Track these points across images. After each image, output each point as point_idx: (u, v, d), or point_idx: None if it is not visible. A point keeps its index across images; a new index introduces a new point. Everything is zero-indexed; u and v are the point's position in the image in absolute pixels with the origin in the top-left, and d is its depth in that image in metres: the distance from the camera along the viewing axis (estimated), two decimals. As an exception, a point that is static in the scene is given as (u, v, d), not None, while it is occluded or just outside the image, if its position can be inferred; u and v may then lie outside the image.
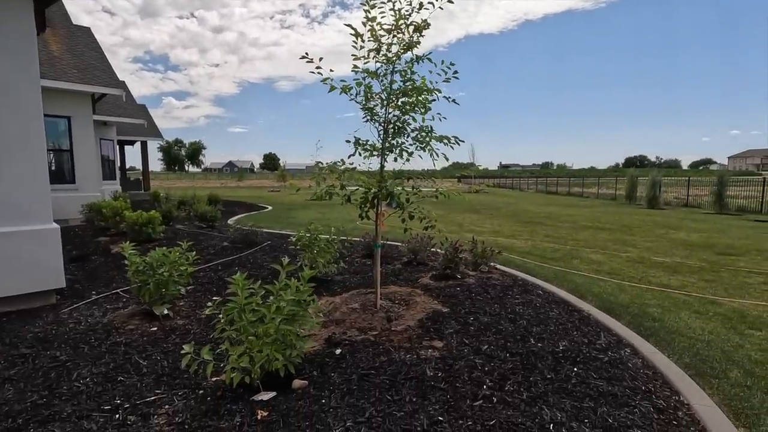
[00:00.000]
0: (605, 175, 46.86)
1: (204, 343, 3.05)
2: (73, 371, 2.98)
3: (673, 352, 3.45)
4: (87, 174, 11.03)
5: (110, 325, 3.83)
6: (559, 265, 6.70)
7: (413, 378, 2.77)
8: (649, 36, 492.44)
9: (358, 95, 3.72)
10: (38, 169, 4.41)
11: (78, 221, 9.93)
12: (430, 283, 5.04)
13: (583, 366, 3.01)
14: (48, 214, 4.50)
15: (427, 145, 3.73)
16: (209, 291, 4.89)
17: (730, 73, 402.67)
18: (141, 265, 3.89)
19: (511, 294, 4.68)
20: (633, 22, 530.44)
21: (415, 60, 3.69)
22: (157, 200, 14.49)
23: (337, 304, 4.25)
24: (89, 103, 11.16)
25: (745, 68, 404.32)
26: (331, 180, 3.70)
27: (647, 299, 4.93)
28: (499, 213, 15.98)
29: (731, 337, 3.83)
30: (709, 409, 2.58)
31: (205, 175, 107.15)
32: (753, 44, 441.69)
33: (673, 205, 20.10)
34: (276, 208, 17.12)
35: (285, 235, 8.66)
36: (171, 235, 8.26)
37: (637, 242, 9.13)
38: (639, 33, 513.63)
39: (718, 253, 7.92)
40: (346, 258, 6.36)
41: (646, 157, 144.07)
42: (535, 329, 3.67)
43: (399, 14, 3.55)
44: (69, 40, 12.14)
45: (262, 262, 6.30)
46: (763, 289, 5.44)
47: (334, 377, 2.80)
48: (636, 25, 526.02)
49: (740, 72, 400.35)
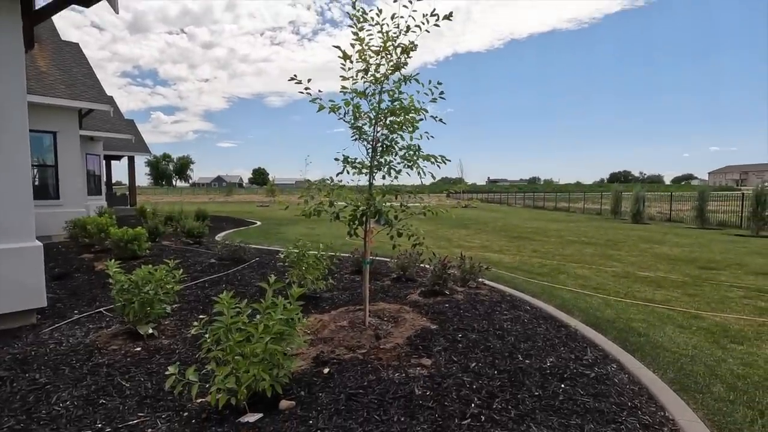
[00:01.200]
0: (591, 190, 47.64)
1: (189, 364, 3.00)
2: (53, 394, 2.89)
3: (658, 367, 3.49)
4: (72, 190, 10.87)
5: (92, 346, 3.74)
6: (546, 280, 6.76)
7: (401, 397, 2.76)
8: (631, 55, 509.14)
9: (347, 114, 3.78)
10: (22, 186, 4.35)
11: (62, 238, 9.74)
12: (418, 299, 5.05)
13: (570, 382, 3.03)
14: (31, 232, 4.42)
15: (415, 163, 3.79)
16: (196, 309, 4.82)
17: (709, 92, 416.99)
18: (126, 284, 3.84)
19: (500, 310, 4.71)
20: (615, 42, 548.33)
21: (402, 80, 3.76)
22: (144, 216, 14.31)
23: (325, 321, 4.22)
24: (76, 118, 11.07)
25: (724, 87, 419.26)
26: (320, 197, 3.73)
27: (632, 314, 5.00)
28: (487, 228, 16.11)
29: (714, 351, 3.90)
30: (693, 424, 2.62)
31: (193, 190, 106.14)
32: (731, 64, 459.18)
33: (656, 219, 20.52)
34: (265, 224, 17.02)
35: (273, 251, 8.61)
36: (157, 252, 8.15)
37: (622, 257, 9.27)
38: (621, 52, 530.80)
39: (700, 267, 8.08)
40: (335, 274, 6.33)
41: (630, 173, 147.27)
42: (523, 345, 3.69)
43: (387, 36, 3.63)
44: (57, 56, 12.10)
45: (249, 279, 6.24)
46: (744, 303, 5.56)
47: (321, 397, 2.77)
48: (618, 45, 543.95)
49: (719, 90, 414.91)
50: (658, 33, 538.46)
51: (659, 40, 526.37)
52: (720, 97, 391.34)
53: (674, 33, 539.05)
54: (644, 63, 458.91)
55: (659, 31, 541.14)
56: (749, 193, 15.84)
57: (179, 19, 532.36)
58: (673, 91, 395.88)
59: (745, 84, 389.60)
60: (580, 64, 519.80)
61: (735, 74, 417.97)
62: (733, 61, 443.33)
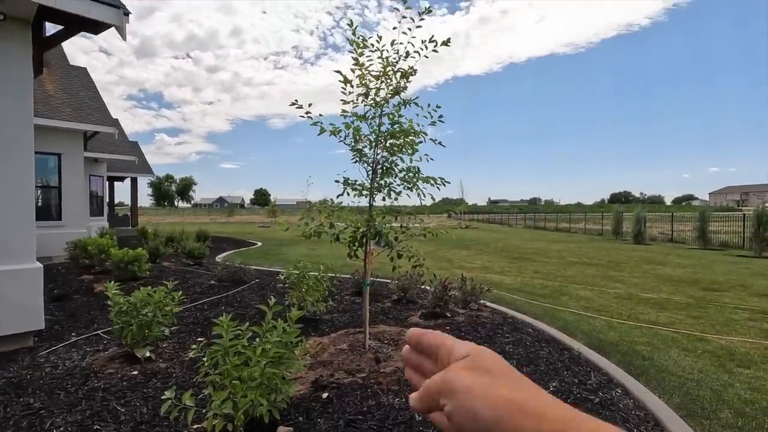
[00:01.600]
0: (591, 210, 47.67)
1: (186, 388, 2.96)
2: (47, 419, 2.84)
3: (663, 392, 3.42)
4: (74, 210, 10.93)
5: (89, 369, 3.69)
6: (548, 301, 6.70)
7: (402, 423, 2.70)
8: (629, 79, 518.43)
9: (347, 137, 3.84)
10: (25, 208, 4.38)
11: (62, 258, 9.73)
12: (419, 321, 5.00)
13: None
14: (32, 254, 4.42)
15: (415, 185, 3.82)
16: (194, 332, 4.78)
17: (708, 113, 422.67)
18: (124, 306, 3.81)
19: (501, 332, 4.65)
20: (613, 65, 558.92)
21: (402, 104, 3.84)
22: (145, 237, 14.33)
23: (325, 344, 4.17)
24: (81, 140, 11.24)
25: (722, 109, 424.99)
26: (320, 218, 3.74)
27: (636, 336, 4.93)
28: (488, 249, 16.06)
29: (720, 375, 3.83)
30: (701, 452, 2.55)
31: (195, 210, 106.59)
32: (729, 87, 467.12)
33: (658, 240, 20.45)
34: (265, 245, 17.00)
35: (274, 272, 8.57)
36: (157, 273, 8.12)
37: (624, 278, 9.21)
38: (619, 75, 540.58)
39: (703, 288, 8.01)
40: (335, 296, 6.29)
41: (630, 193, 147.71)
42: (526, 369, 3.63)
43: (386, 62, 3.72)
44: (65, 80, 12.37)
45: (249, 301, 6.20)
46: (749, 325, 5.48)
47: (320, 423, 2.71)
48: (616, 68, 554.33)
49: (717, 112, 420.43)
50: (654, 57, 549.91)
51: (656, 63, 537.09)
52: (719, 118, 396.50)
53: (671, 57, 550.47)
54: (642, 86, 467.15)
55: (656, 55, 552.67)
56: (750, 213, 15.83)
57: (185, 44, 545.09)
58: (671, 113, 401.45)
59: (743, 106, 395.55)
60: (578, 87, 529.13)
61: (733, 97, 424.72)
62: (731, 84, 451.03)
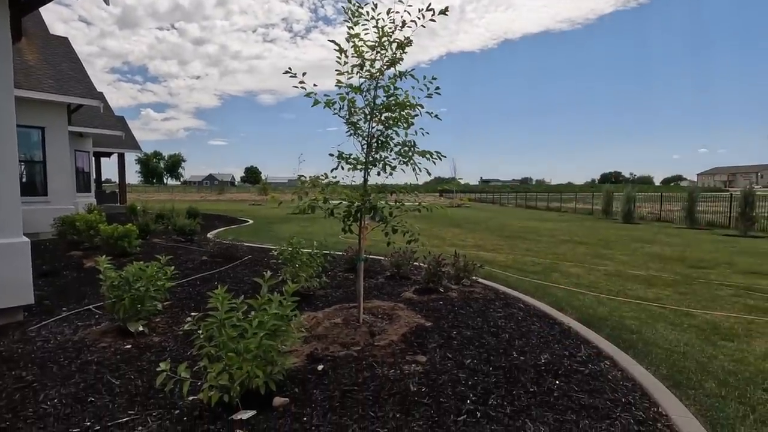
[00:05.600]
0: (582, 190, 47.99)
1: (181, 361, 2.95)
2: (40, 392, 2.83)
3: (650, 364, 3.51)
4: (60, 186, 10.69)
5: (81, 343, 3.67)
6: (539, 278, 6.79)
7: (397, 394, 2.74)
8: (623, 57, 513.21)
9: (342, 110, 3.75)
10: (9, 180, 4.25)
11: (50, 235, 9.57)
12: (413, 297, 5.03)
13: (564, 379, 3.04)
14: (18, 228, 4.33)
15: (410, 159, 3.77)
16: (187, 307, 4.76)
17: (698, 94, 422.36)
18: (116, 280, 3.77)
19: (494, 308, 4.71)
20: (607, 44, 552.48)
21: (398, 76, 3.74)
22: (134, 213, 14.14)
23: (319, 319, 4.19)
24: (65, 113, 10.88)
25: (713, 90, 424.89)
26: (313, 194, 3.69)
27: (625, 312, 5.03)
28: (480, 227, 16.16)
29: (705, 348, 3.93)
30: (686, 420, 2.63)
31: (185, 188, 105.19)
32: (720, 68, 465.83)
33: (647, 219, 20.73)
34: (257, 222, 16.90)
35: (266, 249, 8.54)
36: (148, 250, 8.04)
37: (613, 256, 9.35)
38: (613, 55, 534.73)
39: (690, 266, 8.17)
40: (329, 272, 6.30)
41: (620, 173, 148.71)
42: (518, 342, 3.69)
43: (382, 32, 3.61)
44: (45, 50, 11.88)
45: (242, 277, 6.18)
46: (734, 301, 5.62)
47: (316, 394, 2.74)
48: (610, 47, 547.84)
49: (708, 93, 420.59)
50: (650, 34, 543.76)
51: (651, 41, 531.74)
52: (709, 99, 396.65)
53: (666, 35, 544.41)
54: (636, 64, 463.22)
55: (651, 32, 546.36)
56: (737, 194, 16.07)
57: (169, 15, 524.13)
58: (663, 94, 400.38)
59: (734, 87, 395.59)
60: (572, 65, 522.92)
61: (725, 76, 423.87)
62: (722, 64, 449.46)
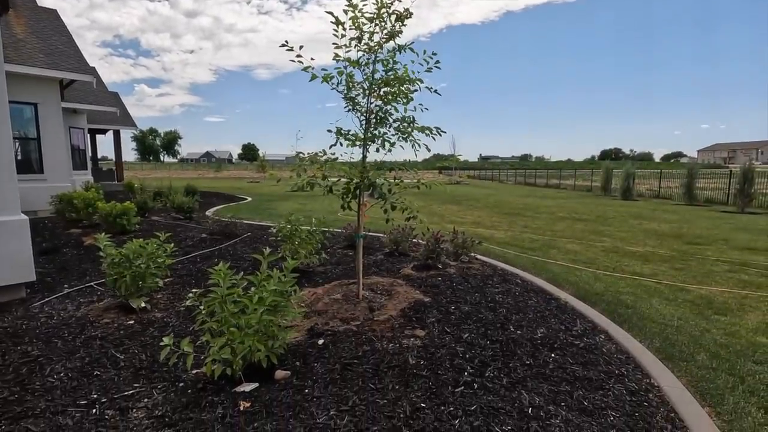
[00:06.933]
0: (582, 167, 47.79)
1: (183, 336, 3.00)
2: (46, 366, 2.89)
3: (644, 337, 3.59)
4: (56, 164, 10.60)
5: (84, 319, 3.72)
6: (537, 254, 6.84)
7: (396, 366, 2.80)
8: (626, 32, 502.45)
9: (340, 84, 3.68)
10: (3, 157, 4.21)
11: (47, 213, 9.55)
12: (411, 273, 5.08)
13: (560, 352, 3.10)
14: (16, 205, 4.31)
15: (409, 135, 3.73)
16: (188, 283, 4.80)
17: (701, 70, 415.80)
18: (117, 257, 3.79)
19: (491, 283, 4.77)
20: (611, 18, 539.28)
21: (397, 49, 3.65)
22: (132, 191, 14.07)
23: (319, 295, 4.24)
24: (57, 89, 10.67)
25: (716, 65, 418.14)
26: (312, 171, 3.67)
27: (621, 287, 5.10)
28: (479, 204, 16.17)
29: (699, 322, 4.01)
30: (677, 390, 2.71)
31: (182, 165, 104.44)
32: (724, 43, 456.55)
33: (645, 196, 20.76)
34: (255, 199, 16.87)
35: (265, 227, 8.56)
36: (147, 227, 8.05)
37: (611, 232, 9.40)
38: (616, 29, 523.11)
39: (687, 242, 8.23)
40: (328, 249, 6.33)
41: (620, 150, 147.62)
42: (515, 317, 3.75)
43: (381, 2, 3.50)
44: (34, 23, 11.56)
45: (242, 254, 6.22)
46: (728, 276, 5.70)
47: (316, 367, 2.80)
48: (613, 22, 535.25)
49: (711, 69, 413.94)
50: (654, 10, 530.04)
51: (655, 17, 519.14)
52: (712, 74, 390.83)
53: (670, 7, 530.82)
54: (638, 38, 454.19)
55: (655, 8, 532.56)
56: (736, 170, 16.04)
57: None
58: (666, 70, 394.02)
59: (737, 62, 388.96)
60: (574, 40, 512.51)
61: (729, 52, 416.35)
62: (726, 40, 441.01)
